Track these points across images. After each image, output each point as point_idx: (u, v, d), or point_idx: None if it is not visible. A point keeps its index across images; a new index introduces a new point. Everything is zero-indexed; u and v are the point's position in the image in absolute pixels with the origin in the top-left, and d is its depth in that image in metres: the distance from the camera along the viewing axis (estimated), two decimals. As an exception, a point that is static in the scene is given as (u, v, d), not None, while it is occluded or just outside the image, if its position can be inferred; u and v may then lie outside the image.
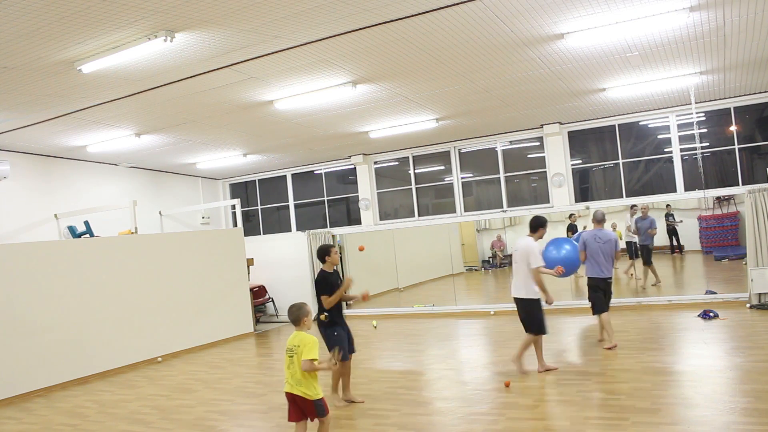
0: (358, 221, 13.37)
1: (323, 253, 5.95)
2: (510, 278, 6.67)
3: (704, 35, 6.96)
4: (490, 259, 16.94)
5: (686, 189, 10.57)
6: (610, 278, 7.55)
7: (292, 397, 4.34)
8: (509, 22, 6.22)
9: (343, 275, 8.01)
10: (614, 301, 10.46)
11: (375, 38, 6.47)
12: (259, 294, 12.87)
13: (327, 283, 5.87)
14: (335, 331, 5.84)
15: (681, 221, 13.98)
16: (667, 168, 10.85)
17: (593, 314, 7.57)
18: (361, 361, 8.11)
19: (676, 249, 14.60)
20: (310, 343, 4.28)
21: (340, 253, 13.13)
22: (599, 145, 11.55)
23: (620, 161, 11.05)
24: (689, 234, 14.54)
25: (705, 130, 10.60)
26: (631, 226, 11.74)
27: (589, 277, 7.54)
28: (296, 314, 4.43)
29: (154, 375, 8.49)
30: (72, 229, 10.62)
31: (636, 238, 11.56)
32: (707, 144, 10.64)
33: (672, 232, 14.25)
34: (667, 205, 13.43)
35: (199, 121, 9.49)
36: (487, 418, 5.24)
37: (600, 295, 7.44)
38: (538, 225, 6.59)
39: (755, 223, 9.33)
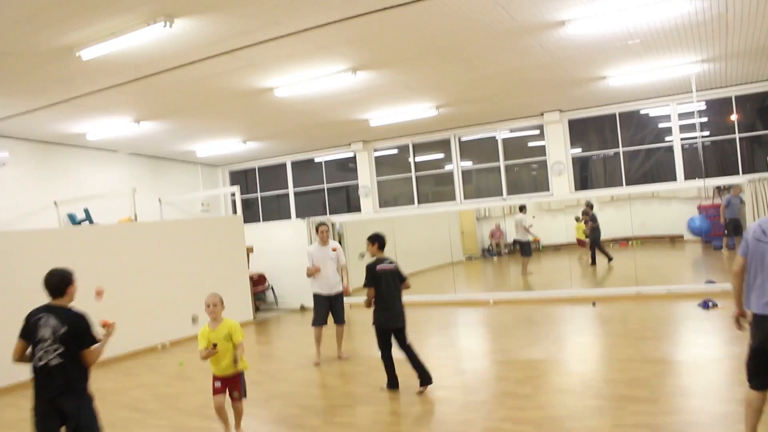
0: (357, 209, 13.36)
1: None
2: (509, 267, 6.65)
3: (706, 23, 6.91)
4: (491, 248, 16.96)
5: (686, 178, 10.55)
6: None
7: None
8: (510, 8, 6.17)
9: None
10: (614, 291, 10.51)
11: (375, 25, 6.42)
12: (258, 282, 12.87)
13: None
14: None
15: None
16: (667, 157, 10.82)
17: None
18: (361, 350, 8.14)
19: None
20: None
21: (340, 241, 13.13)
22: (599, 134, 11.52)
23: (620, 149, 11.02)
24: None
25: (706, 119, 10.56)
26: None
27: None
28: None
29: (154, 363, 8.51)
30: (72, 217, 10.60)
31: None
32: (708, 133, 10.61)
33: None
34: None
35: (198, 108, 9.45)
36: (487, 407, 5.26)
37: None
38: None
39: (755, 213, 9.33)
